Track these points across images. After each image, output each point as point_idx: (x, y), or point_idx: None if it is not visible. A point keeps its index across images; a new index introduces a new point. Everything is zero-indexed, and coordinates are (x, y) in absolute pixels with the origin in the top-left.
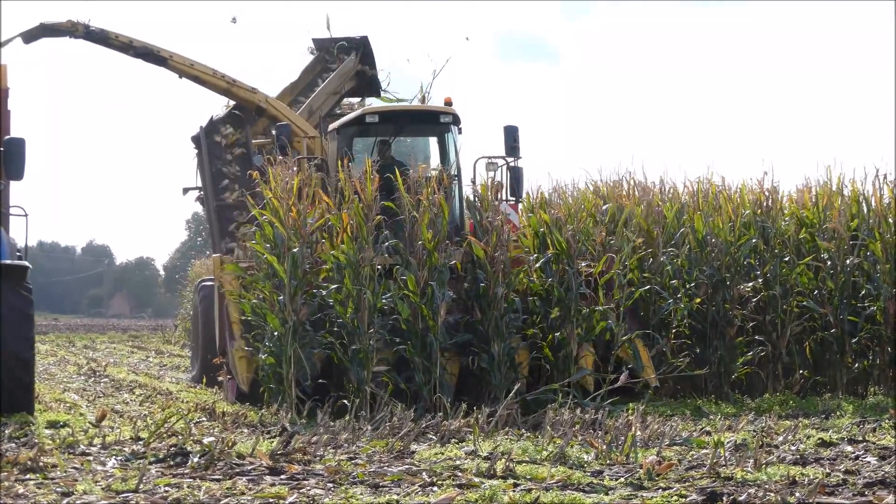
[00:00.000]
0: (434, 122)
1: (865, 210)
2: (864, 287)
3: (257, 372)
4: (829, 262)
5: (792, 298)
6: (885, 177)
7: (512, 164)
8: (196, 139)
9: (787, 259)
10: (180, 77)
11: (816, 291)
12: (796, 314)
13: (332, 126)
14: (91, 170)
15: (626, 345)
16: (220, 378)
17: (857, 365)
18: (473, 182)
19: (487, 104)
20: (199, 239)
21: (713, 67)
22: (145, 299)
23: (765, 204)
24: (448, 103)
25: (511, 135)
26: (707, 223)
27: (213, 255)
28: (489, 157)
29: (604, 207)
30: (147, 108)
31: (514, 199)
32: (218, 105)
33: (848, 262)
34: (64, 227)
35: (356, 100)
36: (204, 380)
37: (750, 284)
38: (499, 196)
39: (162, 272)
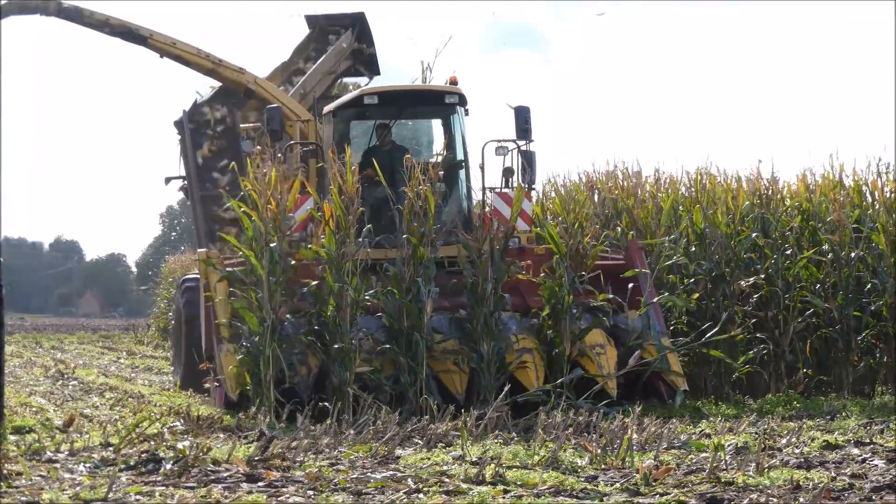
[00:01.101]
0: (438, 102)
1: (869, 200)
2: (869, 281)
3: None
4: (831, 256)
5: (794, 293)
6: (888, 166)
7: (524, 147)
8: (179, 124)
9: (788, 252)
10: (161, 57)
11: (819, 286)
12: (799, 310)
13: (327, 108)
14: (59, 160)
15: (651, 345)
16: (206, 384)
17: (862, 363)
18: (482, 168)
19: (480, 91)
20: (174, 234)
21: (708, 58)
22: (117, 297)
23: (764, 195)
24: (453, 83)
25: (522, 116)
26: (706, 216)
27: (199, 251)
28: (499, 141)
29: (596, 199)
30: (120, 92)
31: (526, 185)
32: (203, 87)
33: (852, 255)
34: (31, 222)
35: (353, 80)
36: (176, 383)
37: (751, 279)
38: (510, 183)
39: (134, 269)
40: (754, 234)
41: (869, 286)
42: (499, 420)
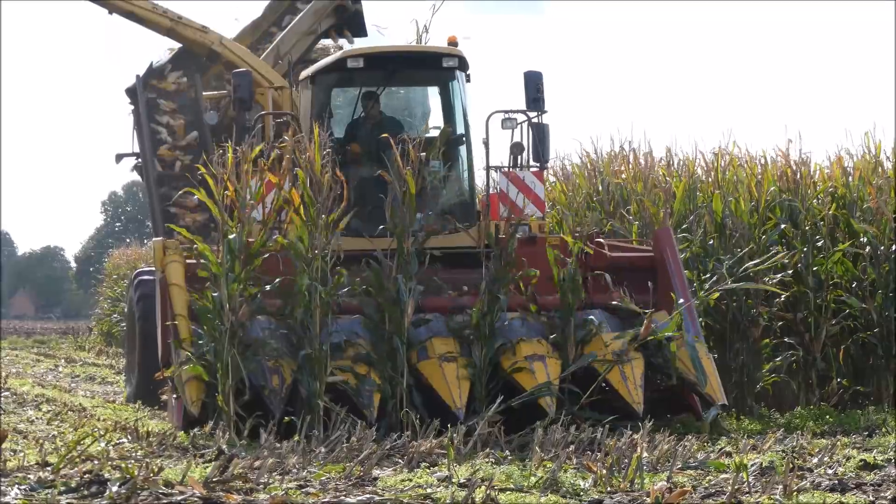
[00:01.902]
0: (435, 66)
1: None
2: None
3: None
4: (869, 249)
5: (827, 292)
6: None
7: (535, 119)
8: (132, 92)
9: (820, 245)
10: (110, 13)
11: (856, 284)
12: (832, 311)
13: (304, 73)
14: None
15: (683, 351)
16: (163, 397)
17: None
18: (486, 143)
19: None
20: (118, 224)
21: (728, 21)
22: (53, 297)
23: (793, 179)
24: (452, 43)
25: (533, 83)
26: (726, 203)
27: (154, 240)
28: (506, 112)
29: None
30: (57, 57)
31: (537, 164)
32: (160, 49)
33: (893, 248)
34: None
35: (333, 43)
36: (125, 395)
37: (778, 276)
38: (519, 161)
39: (73, 264)
40: (782, 225)
41: None
42: (490, 437)
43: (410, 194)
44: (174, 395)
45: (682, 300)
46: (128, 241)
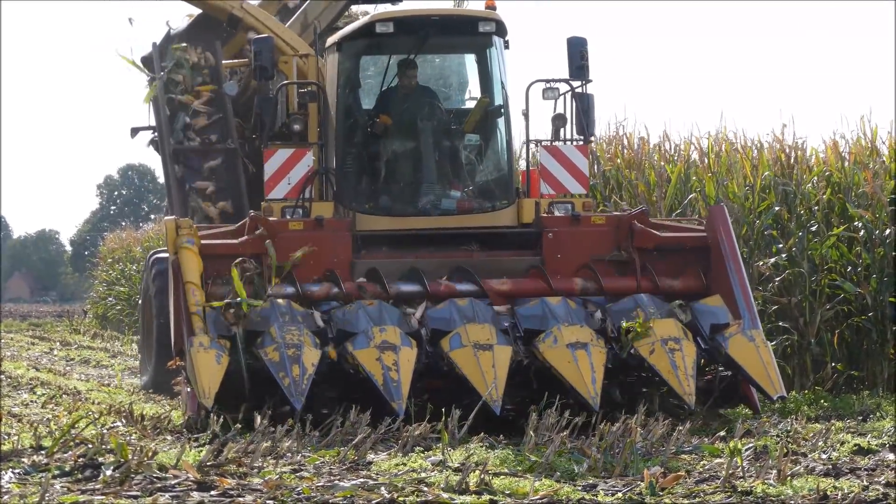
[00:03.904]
0: (471, 31)
1: None
2: None
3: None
4: (864, 233)
5: (821, 276)
6: None
7: (578, 89)
8: (148, 61)
9: (814, 229)
10: None
11: (850, 268)
12: (827, 296)
13: (330, 40)
14: None
15: (739, 338)
16: (175, 387)
17: None
18: (526, 115)
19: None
20: (114, 207)
21: (722, 10)
22: (49, 280)
23: (787, 163)
24: (490, 7)
25: (577, 50)
26: (720, 187)
27: (166, 219)
28: (547, 81)
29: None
30: (53, 33)
31: (581, 137)
32: (179, 16)
33: (888, 232)
34: None
35: (364, 8)
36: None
37: (771, 260)
38: (561, 134)
39: (68, 247)
40: (776, 209)
41: None
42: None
43: (446, 169)
44: (186, 385)
45: (737, 284)
46: (123, 224)
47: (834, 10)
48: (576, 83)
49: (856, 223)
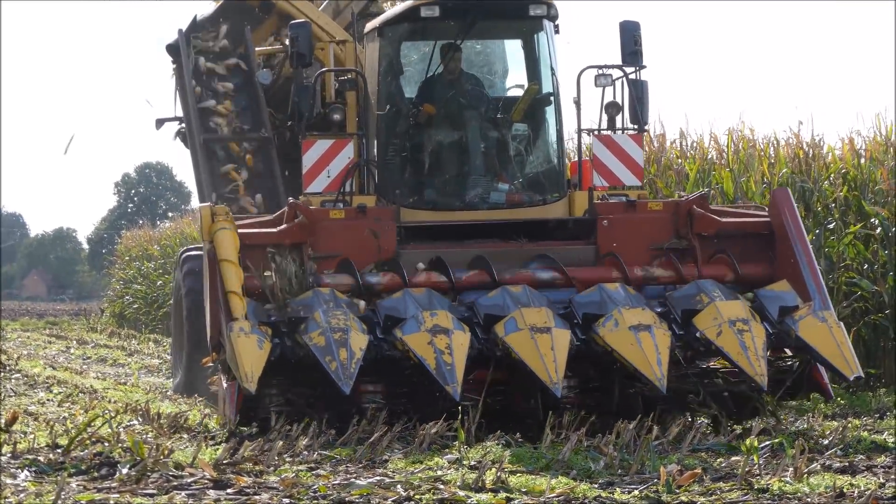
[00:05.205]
0: (520, 15)
1: None
2: None
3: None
4: (880, 231)
5: (838, 274)
6: None
7: (632, 75)
8: (174, 49)
9: (832, 227)
10: None
11: (867, 266)
12: (844, 293)
13: (370, 25)
14: None
15: (810, 320)
16: (211, 387)
17: None
18: (577, 103)
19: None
20: (131, 205)
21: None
22: (66, 279)
23: (804, 161)
24: None
25: (630, 34)
26: (738, 184)
27: (201, 206)
28: (600, 67)
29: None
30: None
31: (635, 126)
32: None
33: None
34: None
35: None
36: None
37: None
38: (615, 123)
39: (86, 246)
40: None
41: None
42: (495, 420)
43: (493, 161)
44: (226, 381)
45: (806, 266)
46: (140, 222)
47: (851, 9)
48: (629, 69)
49: (872, 220)
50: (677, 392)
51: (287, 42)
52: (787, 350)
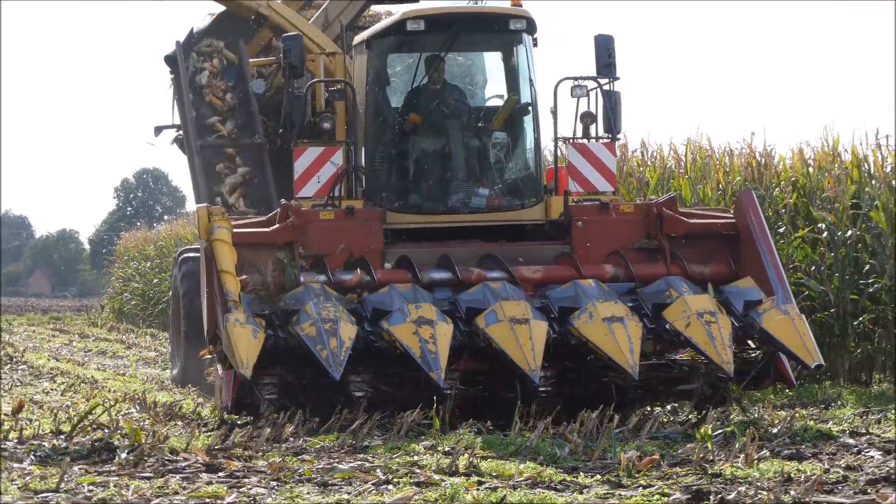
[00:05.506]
0: (501, 29)
1: (867, 176)
2: (867, 262)
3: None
4: (827, 235)
5: (788, 275)
6: (886, 138)
7: (606, 86)
8: (171, 60)
9: (782, 231)
10: None
11: (814, 267)
12: (793, 293)
13: (359, 37)
14: (5, 128)
15: (774, 313)
16: (209, 377)
17: (859, 349)
18: (554, 113)
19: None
20: (129, 209)
21: (699, 22)
22: (68, 277)
23: (757, 169)
24: (517, 5)
25: (604, 47)
26: (695, 191)
27: (198, 206)
28: (575, 78)
29: None
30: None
31: (608, 135)
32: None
33: (849, 234)
34: None
35: (384, 8)
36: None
37: None
38: (589, 132)
39: (87, 246)
40: None
41: (867, 267)
42: (474, 408)
43: (474, 167)
44: (222, 370)
45: (770, 264)
46: (138, 224)
47: (800, 27)
48: (603, 81)
49: (819, 225)
50: (647, 381)
51: (280, 54)
52: (751, 343)
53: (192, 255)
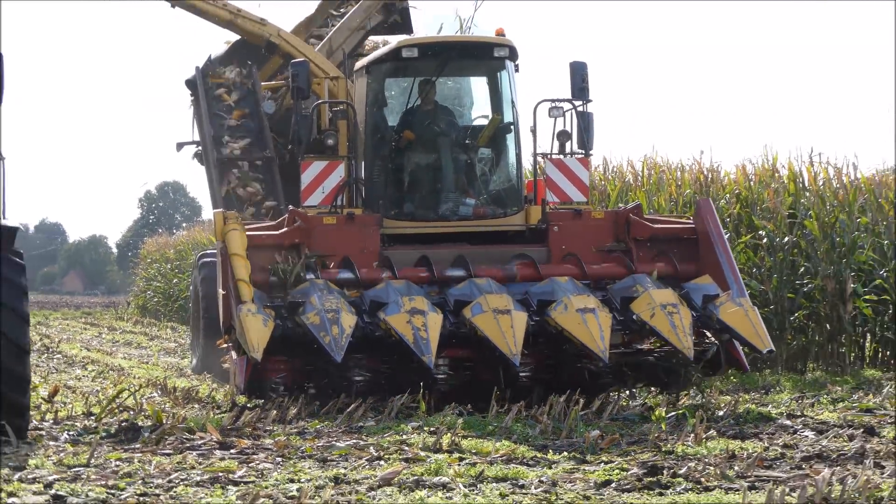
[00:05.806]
0: (486, 56)
1: (802, 189)
2: (802, 265)
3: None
4: (766, 241)
5: None
6: (819, 156)
7: (580, 108)
8: (192, 83)
9: (727, 237)
10: (173, 6)
11: (756, 269)
12: None
13: (359, 63)
14: (43, 144)
15: (729, 305)
16: (224, 364)
17: (795, 342)
18: (534, 131)
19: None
20: (152, 217)
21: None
22: (98, 277)
23: (705, 183)
24: (500, 35)
25: (579, 73)
26: (651, 202)
27: (215, 211)
28: (554, 101)
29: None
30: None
31: (582, 151)
32: (217, 42)
33: (786, 240)
34: (15, 205)
35: (380, 38)
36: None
37: None
38: (565, 148)
39: (115, 250)
40: None
41: (802, 269)
42: (456, 394)
43: (462, 180)
44: (236, 356)
45: (725, 262)
46: (160, 231)
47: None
48: (578, 103)
49: (760, 232)
50: (618, 368)
51: (289, 78)
52: (708, 333)
53: (210, 259)
